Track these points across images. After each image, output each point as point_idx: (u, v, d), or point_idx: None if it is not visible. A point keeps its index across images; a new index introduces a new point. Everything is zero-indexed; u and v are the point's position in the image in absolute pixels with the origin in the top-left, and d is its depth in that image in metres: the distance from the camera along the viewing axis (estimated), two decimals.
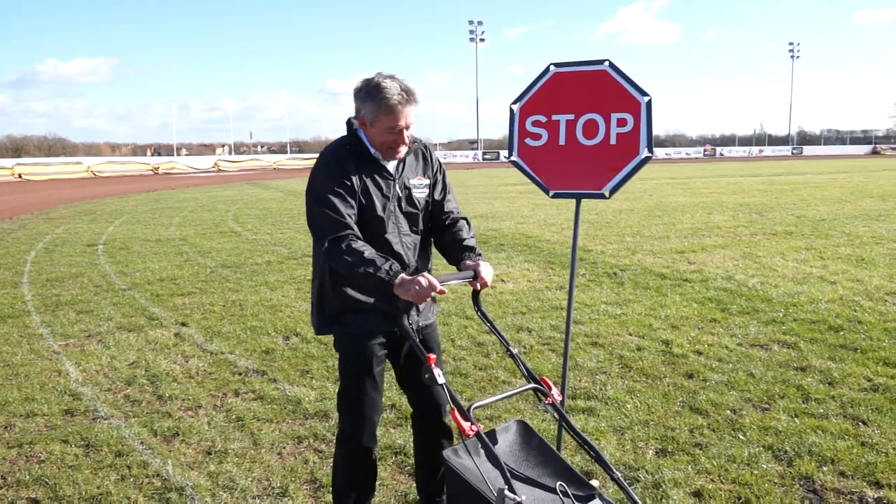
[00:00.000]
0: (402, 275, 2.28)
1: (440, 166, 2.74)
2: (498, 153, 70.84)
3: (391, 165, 2.57)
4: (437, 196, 2.70)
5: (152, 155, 67.89)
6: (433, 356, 2.20)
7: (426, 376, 2.17)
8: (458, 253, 2.62)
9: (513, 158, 3.36)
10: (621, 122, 3.14)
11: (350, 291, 2.53)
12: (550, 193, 3.28)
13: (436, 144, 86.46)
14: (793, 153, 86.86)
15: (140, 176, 46.36)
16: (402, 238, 2.58)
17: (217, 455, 3.59)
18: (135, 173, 49.00)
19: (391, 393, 4.38)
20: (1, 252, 10.95)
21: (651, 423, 3.88)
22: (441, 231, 2.70)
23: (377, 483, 3.26)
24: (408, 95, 2.41)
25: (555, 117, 3.25)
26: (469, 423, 2.07)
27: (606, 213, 15.10)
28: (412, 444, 3.60)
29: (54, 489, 3.24)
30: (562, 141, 3.23)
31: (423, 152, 2.68)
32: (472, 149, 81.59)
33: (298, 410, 4.16)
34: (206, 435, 3.84)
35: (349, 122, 2.56)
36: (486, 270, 2.52)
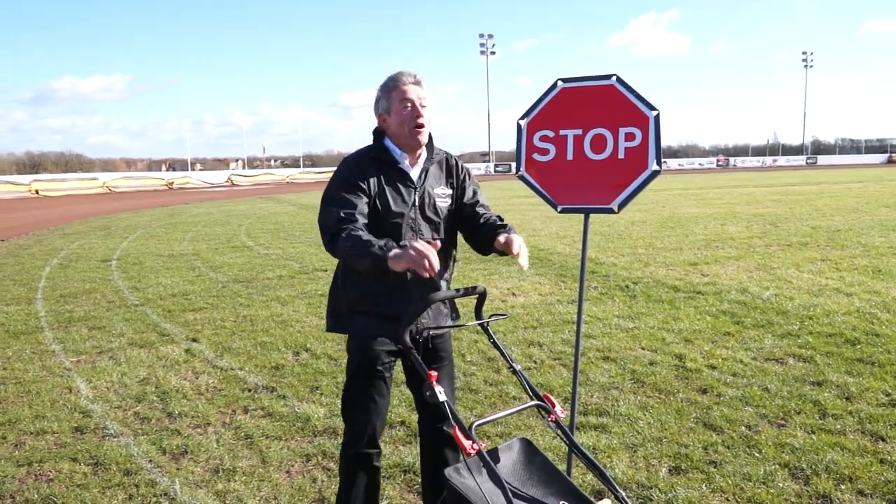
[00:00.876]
0: (396, 249, 2.25)
1: (467, 174, 2.81)
2: (510, 165, 70.88)
3: (415, 173, 2.64)
4: (467, 199, 2.76)
5: (167, 170, 68.58)
6: (434, 373, 2.17)
7: (427, 394, 2.14)
8: (488, 232, 2.63)
9: (520, 174, 3.34)
10: (629, 137, 3.11)
11: (358, 294, 2.61)
12: (559, 209, 3.25)
13: None
14: (807, 163, 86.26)
15: (155, 191, 46.80)
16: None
17: (225, 473, 3.57)
18: (149, 188, 49.49)
19: (401, 409, 4.35)
20: (16, 268, 11.06)
21: (664, 440, 3.82)
22: (475, 229, 2.71)
23: (383, 500, 3.22)
24: (414, 77, 2.60)
25: (562, 132, 3.22)
26: (471, 442, 2.03)
27: (619, 224, 15.03)
28: (419, 464, 3.57)
29: None
30: (570, 156, 3.21)
31: (448, 162, 2.76)
32: (484, 161, 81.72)
33: (307, 428, 4.13)
34: (214, 453, 3.82)
35: (375, 132, 2.68)
36: (517, 241, 2.48)
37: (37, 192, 42.37)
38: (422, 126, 2.58)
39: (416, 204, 2.61)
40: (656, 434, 3.90)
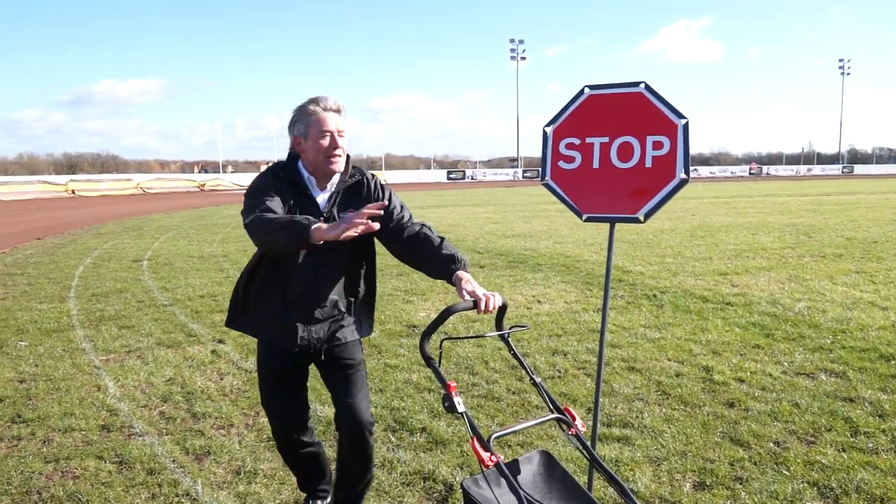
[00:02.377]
0: (316, 223, 2.28)
1: (381, 189, 2.79)
2: (538, 171, 70.61)
3: (322, 199, 2.68)
4: (391, 224, 2.73)
5: (199, 172, 69.63)
6: (453, 384, 2.15)
7: (445, 404, 2.12)
8: (439, 267, 2.60)
9: (545, 181, 3.31)
10: (657, 145, 3.07)
11: (262, 297, 2.75)
12: (584, 217, 3.22)
13: (476, 162, 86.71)
14: (843, 172, 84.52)
15: (187, 192, 47.54)
16: (319, 271, 2.70)
17: (246, 475, 3.59)
18: (182, 190, 50.30)
19: (422, 416, 4.34)
20: (51, 266, 11.31)
21: (689, 455, 3.74)
22: (406, 250, 2.72)
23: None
24: (333, 105, 2.62)
25: (589, 140, 3.19)
26: (489, 454, 2.01)
27: (647, 233, 14.86)
28: (442, 472, 3.54)
29: None
30: (596, 164, 3.17)
31: (364, 184, 2.75)
32: (513, 167, 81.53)
33: (329, 431, 4.14)
34: (236, 454, 3.85)
35: (291, 154, 2.72)
36: (481, 293, 2.41)
37: (73, 192, 43.34)
38: (338, 156, 2.62)
39: None
40: (681, 448, 3.83)
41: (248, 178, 60.47)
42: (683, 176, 3.02)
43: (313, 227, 2.25)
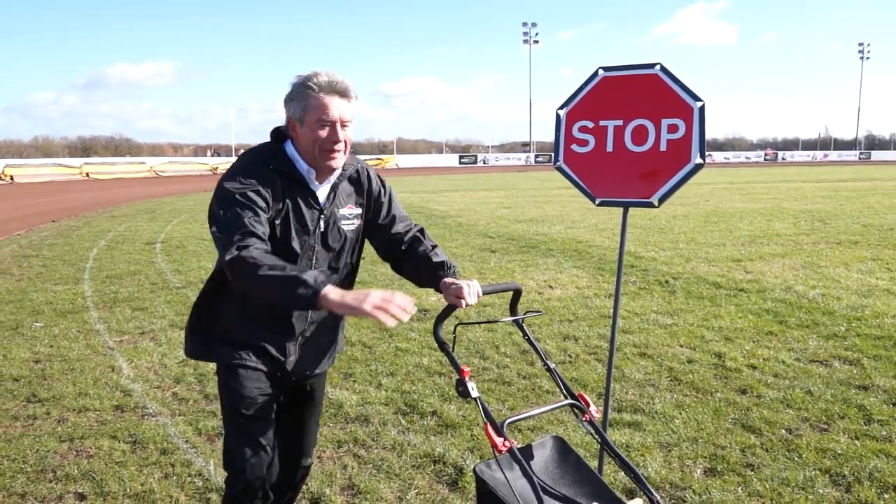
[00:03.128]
0: (331, 288, 1.84)
1: (381, 187, 2.41)
2: (550, 156, 70.25)
3: (322, 192, 2.24)
4: (381, 221, 2.40)
5: (211, 155, 69.82)
6: (467, 369, 2.14)
7: (459, 389, 2.11)
8: (428, 274, 2.31)
9: (558, 165, 3.28)
10: (672, 128, 3.02)
11: (237, 319, 2.26)
12: (597, 201, 3.19)
13: (488, 147, 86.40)
14: (860, 158, 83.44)
15: (200, 175, 47.70)
16: None
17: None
18: (195, 173, 50.47)
19: (433, 399, 4.34)
20: (66, 248, 11.40)
21: (700, 441, 3.73)
22: (400, 257, 2.41)
23: (412, 489, 3.23)
24: (339, 87, 2.11)
25: (602, 123, 3.15)
26: (502, 439, 2.01)
27: (660, 218, 14.76)
28: (452, 455, 3.56)
29: (100, 485, 3.31)
30: (609, 147, 3.13)
31: (358, 175, 2.35)
32: (525, 151, 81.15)
33: (340, 414, 4.16)
34: None
35: (276, 133, 2.23)
36: (470, 290, 2.16)
37: (87, 174, 43.60)
38: (338, 152, 2.15)
39: (321, 230, 2.23)
40: (692, 434, 3.82)
41: None
42: (699, 160, 2.97)
43: (323, 290, 1.81)
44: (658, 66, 3.06)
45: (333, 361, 2.58)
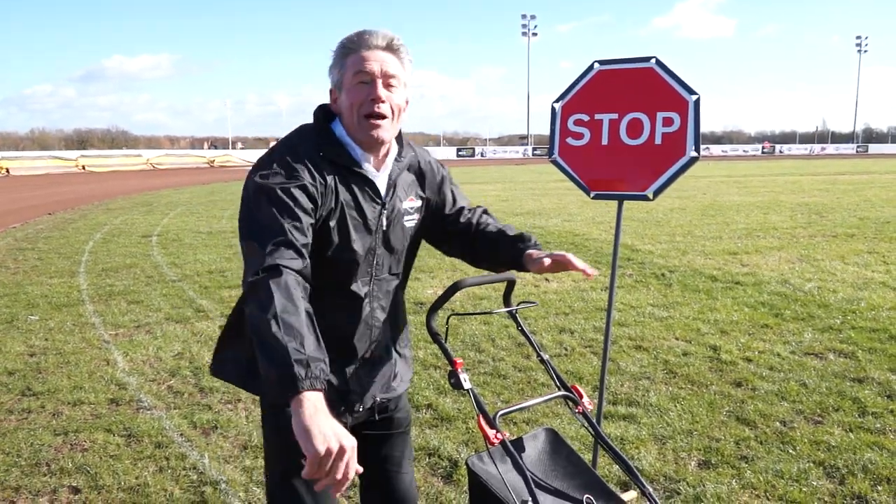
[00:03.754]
0: (321, 391, 1.36)
1: (443, 174, 2.07)
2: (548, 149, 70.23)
3: (381, 182, 1.82)
4: (448, 209, 2.08)
5: (208, 148, 69.66)
6: (459, 361, 2.13)
7: (451, 381, 2.11)
8: (507, 250, 2.01)
9: (553, 158, 3.27)
10: (667, 122, 3.01)
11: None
12: (592, 195, 3.18)
13: (486, 140, 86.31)
14: (857, 151, 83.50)
15: (196, 168, 47.62)
16: (375, 286, 1.88)
17: (253, 450, 3.61)
18: (191, 166, 50.36)
19: (427, 392, 4.34)
20: (62, 241, 11.37)
21: (695, 433, 3.74)
22: (472, 244, 2.09)
23: None
24: (382, 39, 1.72)
25: (598, 116, 3.14)
26: (494, 431, 2.00)
27: (657, 211, 14.76)
28: (447, 448, 3.56)
29: (95, 478, 3.31)
30: (604, 140, 3.12)
31: (419, 164, 1.99)
32: (523, 144, 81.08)
33: None
34: (243, 429, 3.87)
35: (319, 112, 1.81)
36: (568, 255, 1.96)
37: (83, 167, 43.48)
38: (380, 117, 1.72)
39: (383, 228, 1.83)
40: (687, 426, 3.83)
41: (257, 155, 60.26)
42: (694, 153, 2.96)
43: (317, 391, 1.35)
44: (653, 60, 3.05)
45: (409, 381, 2.14)
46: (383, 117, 1.72)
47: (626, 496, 2.40)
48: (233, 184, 28.60)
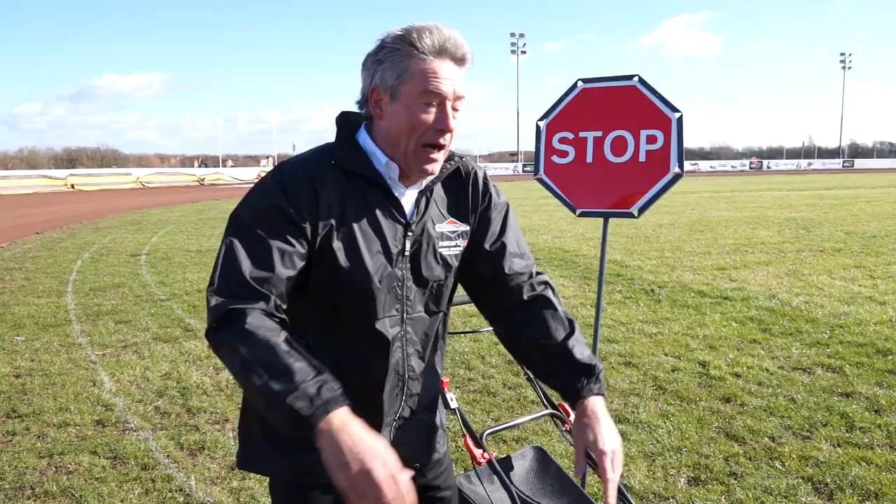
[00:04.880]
0: (342, 408, 1.18)
1: (494, 192, 1.63)
2: None
3: (407, 200, 1.50)
4: (489, 242, 1.60)
5: (199, 166, 69.62)
6: (446, 380, 2.12)
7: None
8: (562, 373, 1.52)
9: (539, 176, 3.29)
10: (651, 139, 3.04)
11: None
12: (577, 212, 3.20)
13: (476, 156, 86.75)
14: (843, 166, 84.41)
15: (186, 187, 47.51)
16: (409, 328, 1.54)
17: (240, 471, 3.58)
18: (182, 184, 50.26)
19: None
20: (49, 261, 11.29)
21: (684, 450, 3.74)
22: (511, 321, 1.61)
23: None
24: (456, 48, 1.39)
25: (582, 134, 3.17)
26: (481, 451, 2.00)
27: (646, 227, 14.84)
28: None
29: (80, 501, 3.27)
30: (589, 158, 3.15)
31: (461, 174, 1.59)
32: (513, 161, 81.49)
33: None
34: (231, 450, 3.84)
35: (343, 121, 1.51)
36: (612, 444, 1.43)
37: (72, 186, 43.31)
38: (443, 147, 1.44)
39: (407, 254, 1.49)
40: (676, 443, 3.83)
41: (247, 173, 60.46)
42: (677, 170, 2.99)
43: (333, 412, 1.16)
44: (636, 78, 3.09)
45: (443, 448, 1.76)
46: (443, 148, 1.44)
47: None
48: (223, 202, 28.55)
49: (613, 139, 3.08)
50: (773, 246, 11.75)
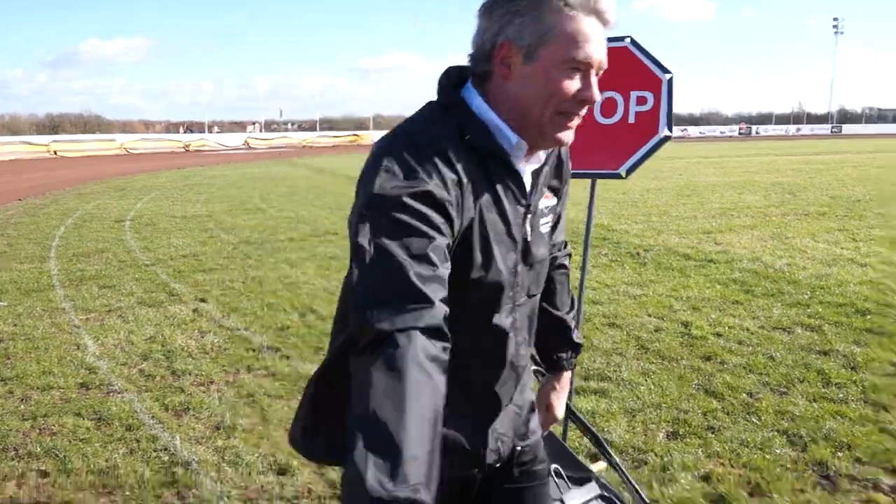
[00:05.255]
0: None
1: (569, 173, 1.51)
2: None
3: (527, 178, 1.32)
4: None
5: (184, 132, 68.71)
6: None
7: None
8: (555, 341, 1.66)
9: None
10: (641, 101, 3.02)
11: None
12: None
13: None
14: (832, 132, 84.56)
15: (172, 153, 46.94)
16: (516, 316, 1.37)
17: (225, 430, 3.61)
18: (167, 150, 49.62)
19: None
20: (31, 227, 11.18)
21: (664, 406, 3.80)
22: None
23: None
24: (609, 7, 1.21)
25: None
26: None
27: (633, 192, 14.86)
28: None
29: (64, 462, 3.29)
30: None
31: (556, 151, 1.42)
32: None
33: None
34: (216, 410, 3.86)
35: (447, 80, 1.29)
36: (561, 414, 1.69)
37: (55, 152, 42.66)
38: (577, 117, 1.27)
39: (527, 238, 1.34)
40: (656, 400, 3.89)
41: (233, 139, 59.95)
42: (667, 132, 2.98)
43: None
44: (628, 39, 3.05)
45: (539, 430, 1.64)
46: (578, 119, 1.27)
47: (594, 466, 2.44)
48: (209, 168, 28.28)
49: (604, 100, 3.06)
50: (759, 210, 11.81)
